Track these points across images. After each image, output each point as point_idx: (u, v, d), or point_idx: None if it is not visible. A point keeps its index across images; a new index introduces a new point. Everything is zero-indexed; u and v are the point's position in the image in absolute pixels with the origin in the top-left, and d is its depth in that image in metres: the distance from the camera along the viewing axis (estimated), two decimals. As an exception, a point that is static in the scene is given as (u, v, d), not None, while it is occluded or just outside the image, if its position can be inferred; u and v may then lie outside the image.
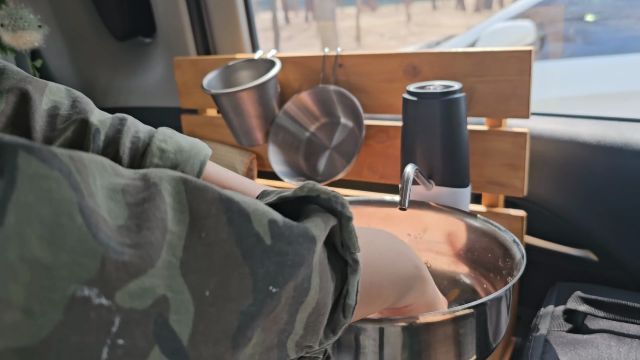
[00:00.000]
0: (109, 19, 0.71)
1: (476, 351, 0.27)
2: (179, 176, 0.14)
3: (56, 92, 0.26)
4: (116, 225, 0.11)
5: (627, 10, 1.43)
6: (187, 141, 0.27)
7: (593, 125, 0.46)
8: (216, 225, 0.13)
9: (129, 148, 0.26)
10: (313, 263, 0.16)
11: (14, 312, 0.09)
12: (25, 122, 0.24)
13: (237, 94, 0.51)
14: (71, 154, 0.11)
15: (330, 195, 0.17)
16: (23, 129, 0.24)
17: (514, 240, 0.33)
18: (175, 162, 0.26)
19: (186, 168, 0.26)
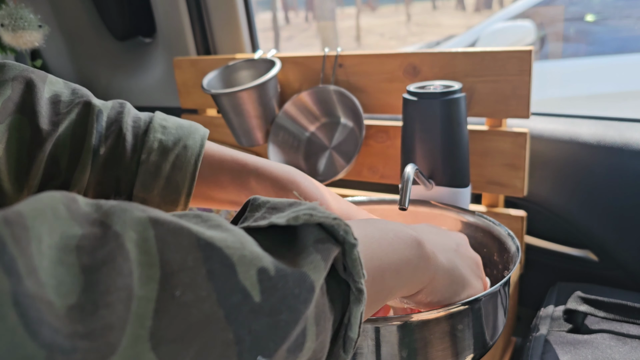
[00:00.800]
0: (109, 18, 0.71)
1: (473, 349, 0.27)
2: (146, 217, 0.11)
3: (55, 83, 0.26)
4: (66, 306, 0.09)
5: (627, 10, 1.43)
6: (186, 121, 0.28)
7: (593, 125, 0.46)
8: (193, 280, 0.11)
9: (131, 126, 0.26)
10: (309, 313, 0.13)
11: None
12: (32, 108, 0.24)
13: (237, 94, 0.51)
14: (7, 217, 0.09)
15: (331, 222, 0.14)
16: (30, 115, 0.24)
17: (508, 234, 0.33)
18: (177, 137, 0.26)
19: (188, 141, 0.26)
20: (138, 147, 0.26)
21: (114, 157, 0.25)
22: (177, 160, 0.26)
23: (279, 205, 0.16)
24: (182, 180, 0.26)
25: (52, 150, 0.24)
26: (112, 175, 0.26)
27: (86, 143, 0.25)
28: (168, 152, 0.26)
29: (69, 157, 0.25)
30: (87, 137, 0.25)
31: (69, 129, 0.25)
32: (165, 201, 0.26)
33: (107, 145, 0.25)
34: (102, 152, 0.25)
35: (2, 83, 0.24)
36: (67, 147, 0.25)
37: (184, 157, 0.26)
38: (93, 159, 0.25)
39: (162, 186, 0.26)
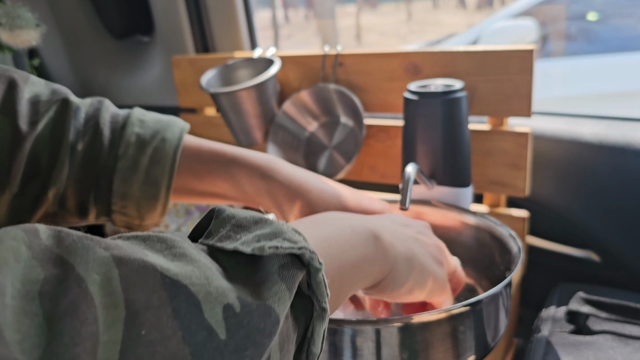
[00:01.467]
0: (107, 17, 0.71)
1: (475, 350, 0.27)
2: (109, 257, 0.11)
3: (36, 83, 0.26)
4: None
5: (629, 9, 1.43)
6: (165, 116, 0.28)
7: (595, 125, 0.46)
8: (159, 319, 0.11)
9: (109, 121, 0.26)
10: (273, 344, 0.13)
11: None
12: (12, 108, 0.24)
13: (236, 93, 0.51)
14: None
15: (295, 250, 0.14)
16: (10, 115, 0.24)
17: (510, 235, 0.33)
18: (155, 130, 0.26)
19: (166, 134, 0.26)
20: (116, 141, 0.25)
21: (92, 152, 0.25)
22: (155, 154, 0.26)
23: (245, 222, 0.15)
24: (161, 173, 0.26)
25: (31, 150, 0.24)
26: (91, 172, 0.25)
27: (64, 140, 0.25)
28: (146, 145, 0.26)
29: (49, 155, 0.25)
30: (64, 133, 0.25)
31: (47, 127, 0.25)
32: (145, 195, 0.26)
33: (84, 141, 0.25)
34: (80, 148, 0.25)
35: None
36: (46, 146, 0.25)
37: (162, 150, 0.26)
38: (71, 155, 0.25)
39: (141, 180, 0.25)
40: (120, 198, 0.26)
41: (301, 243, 0.15)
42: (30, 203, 0.25)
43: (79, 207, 0.26)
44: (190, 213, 0.61)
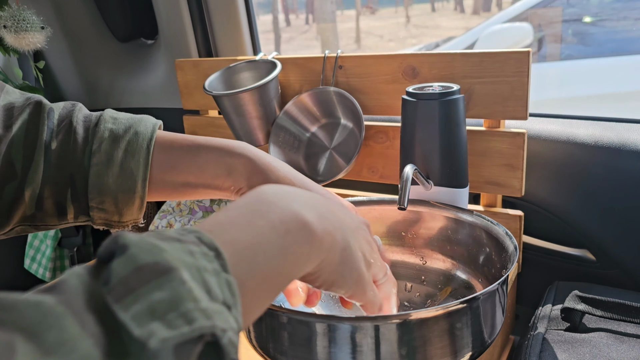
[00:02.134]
0: (112, 20, 0.72)
1: (472, 347, 0.27)
2: None
3: (11, 93, 0.27)
4: None
5: (624, 12, 1.44)
6: (137, 115, 0.28)
7: (590, 126, 0.47)
8: None
9: (82, 120, 0.26)
10: None
11: None
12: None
13: (238, 95, 0.52)
14: None
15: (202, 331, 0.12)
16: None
17: (506, 233, 0.34)
18: (128, 125, 0.26)
19: (139, 128, 0.26)
20: (89, 139, 0.26)
21: (66, 151, 0.25)
22: (129, 147, 0.26)
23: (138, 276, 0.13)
24: (136, 166, 0.26)
25: (6, 153, 0.25)
26: (66, 170, 0.26)
27: (38, 140, 0.25)
28: (119, 139, 0.26)
29: (23, 157, 0.25)
30: (38, 134, 0.25)
31: (21, 129, 0.25)
32: (122, 189, 0.26)
33: (58, 140, 0.25)
34: (54, 147, 0.25)
35: None
36: (20, 148, 0.25)
37: (135, 142, 0.26)
38: (45, 155, 0.25)
39: (116, 174, 0.26)
40: (97, 193, 0.26)
41: (213, 320, 0.13)
42: (7, 207, 0.25)
43: (57, 207, 0.26)
44: (194, 212, 0.61)
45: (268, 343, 0.28)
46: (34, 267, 0.74)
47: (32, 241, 0.74)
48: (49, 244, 0.73)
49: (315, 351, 0.26)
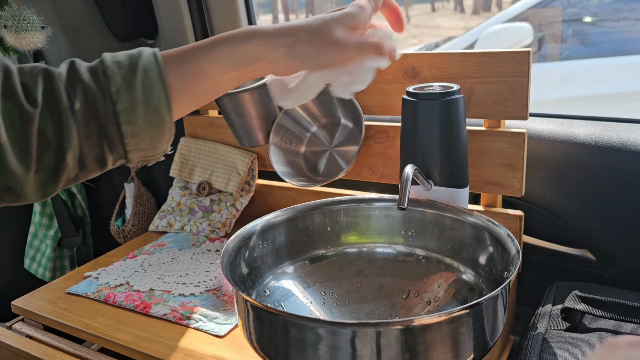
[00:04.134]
0: (112, 20, 0.72)
1: (474, 350, 0.27)
2: None
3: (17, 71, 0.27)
4: None
5: (624, 12, 1.44)
6: (132, 50, 0.29)
7: (590, 126, 0.47)
8: None
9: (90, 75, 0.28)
10: None
11: None
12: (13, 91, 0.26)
13: (238, 95, 0.52)
14: None
15: None
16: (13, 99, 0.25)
17: (508, 235, 0.34)
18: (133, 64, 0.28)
19: (145, 63, 0.28)
20: (106, 89, 0.27)
21: (90, 106, 0.27)
22: (144, 85, 0.27)
23: None
24: (158, 100, 0.27)
25: (38, 125, 0.26)
26: (96, 125, 0.27)
27: (60, 105, 0.26)
28: (133, 81, 0.27)
29: (52, 124, 0.26)
30: (59, 99, 0.26)
31: (43, 100, 0.26)
32: (152, 125, 0.28)
33: (78, 99, 0.27)
34: (78, 106, 0.26)
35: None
36: (47, 117, 0.26)
37: (148, 79, 0.27)
38: (73, 116, 0.26)
39: (143, 113, 0.27)
40: (132, 137, 0.27)
41: None
42: (51, 175, 0.27)
43: (98, 161, 0.28)
44: (194, 212, 0.62)
45: (270, 346, 0.28)
46: (34, 267, 0.74)
47: (32, 241, 0.74)
48: (49, 244, 0.73)
49: (317, 355, 0.26)
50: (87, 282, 0.50)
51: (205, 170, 0.62)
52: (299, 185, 0.52)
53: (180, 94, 0.28)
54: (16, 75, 0.26)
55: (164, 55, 0.29)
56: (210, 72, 0.29)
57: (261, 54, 0.29)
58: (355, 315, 0.38)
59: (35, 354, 0.42)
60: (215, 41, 0.29)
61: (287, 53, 0.29)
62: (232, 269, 0.35)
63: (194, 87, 0.29)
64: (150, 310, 0.44)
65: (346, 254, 0.42)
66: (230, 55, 0.28)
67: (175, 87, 0.28)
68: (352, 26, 0.30)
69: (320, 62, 0.29)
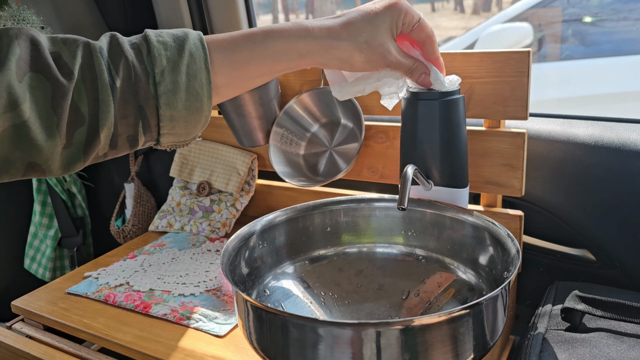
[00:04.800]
0: (112, 20, 0.72)
1: (474, 350, 0.27)
2: None
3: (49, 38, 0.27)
4: None
5: (624, 12, 1.44)
6: (177, 30, 0.29)
7: (590, 126, 0.47)
8: None
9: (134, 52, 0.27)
10: None
11: None
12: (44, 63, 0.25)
13: (238, 95, 0.52)
14: None
15: None
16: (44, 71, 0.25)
17: (508, 235, 0.34)
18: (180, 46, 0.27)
19: (191, 47, 0.27)
20: (149, 69, 0.26)
21: (130, 85, 0.26)
22: (189, 70, 0.27)
23: None
24: (200, 86, 0.27)
25: (72, 99, 0.25)
26: (134, 105, 0.26)
27: (100, 82, 0.25)
28: (178, 64, 0.27)
29: (88, 100, 0.25)
30: (99, 75, 0.26)
31: (79, 74, 0.25)
32: (191, 111, 0.27)
33: (120, 77, 0.26)
34: (118, 84, 0.26)
35: (9, 43, 0.24)
36: (82, 92, 0.25)
37: (193, 64, 0.27)
38: (113, 94, 0.26)
39: (184, 99, 0.27)
40: (169, 120, 0.27)
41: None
42: (80, 151, 0.26)
43: (129, 141, 0.27)
44: (194, 212, 0.62)
45: (270, 346, 0.28)
46: (34, 267, 0.74)
47: (32, 241, 0.74)
48: (49, 244, 0.73)
49: (317, 355, 0.26)
50: (87, 282, 0.50)
51: (205, 170, 0.62)
52: (299, 185, 0.52)
53: (226, 80, 0.28)
54: (45, 46, 0.25)
55: (210, 41, 0.28)
56: (262, 63, 0.29)
57: (314, 54, 0.29)
58: (355, 315, 0.38)
59: (35, 354, 0.42)
60: (269, 34, 0.29)
61: (338, 58, 0.30)
62: (232, 269, 0.35)
63: (240, 75, 0.29)
64: (150, 310, 0.45)
65: (346, 254, 0.42)
66: (283, 52, 0.29)
67: (221, 74, 0.28)
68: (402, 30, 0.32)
69: (366, 69, 0.31)
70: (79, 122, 0.25)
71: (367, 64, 0.31)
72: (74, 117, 0.25)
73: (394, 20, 0.31)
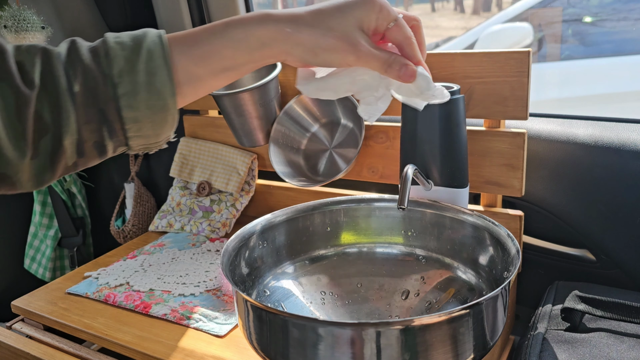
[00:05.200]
0: (112, 20, 0.72)
1: (474, 350, 0.27)
2: None
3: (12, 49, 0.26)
4: None
5: (624, 12, 1.44)
6: (137, 31, 0.27)
7: (590, 126, 0.47)
8: None
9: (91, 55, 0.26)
10: None
11: None
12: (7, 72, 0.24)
13: (238, 95, 0.52)
14: None
15: None
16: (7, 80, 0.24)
17: (508, 235, 0.34)
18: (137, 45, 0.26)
19: (149, 45, 0.26)
20: (107, 71, 0.26)
21: (90, 89, 0.25)
22: (148, 68, 0.26)
23: None
24: (162, 84, 0.26)
25: (35, 108, 0.25)
26: (95, 109, 0.26)
27: (59, 87, 0.25)
28: (135, 63, 0.26)
29: (50, 108, 0.25)
30: (58, 81, 0.25)
31: (40, 81, 0.25)
32: (154, 110, 0.26)
33: (78, 82, 0.25)
34: (77, 89, 0.25)
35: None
36: (44, 99, 0.25)
37: (152, 62, 0.26)
38: (72, 100, 0.25)
39: (145, 99, 0.26)
40: (133, 122, 0.26)
41: None
42: (48, 162, 0.25)
43: (97, 147, 0.26)
44: (194, 212, 0.62)
45: (270, 346, 0.28)
46: (34, 267, 0.74)
47: (32, 241, 0.74)
48: (49, 244, 0.73)
49: (317, 355, 0.26)
50: (87, 282, 0.50)
51: (205, 170, 0.62)
52: (299, 185, 0.52)
53: (187, 77, 0.27)
54: (11, 54, 0.24)
55: (171, 37, 0.27)
56: (223, 54, 0.27)
57: (276, 41, 0.27)
58: (355, 315, 0.38)
59: (35, 354, 0.42)
60: (229, 23, 0.27)
61: (301, 44, 0.27)
62: (232, 269, 0.35)
63: (203, 71, 0.27)
64: (150, 310, 0.45)
65: (346, 254, 0.42)
66: (244, 39, 0.27)
67: (183, 70, 0.27)
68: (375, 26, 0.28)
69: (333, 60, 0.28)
70: (43, 131, 0.25)
71: (334, 53, 0.27)
72: (38, 126, 0.25)
73: (366, 12, 0.28)
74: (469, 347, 0.27)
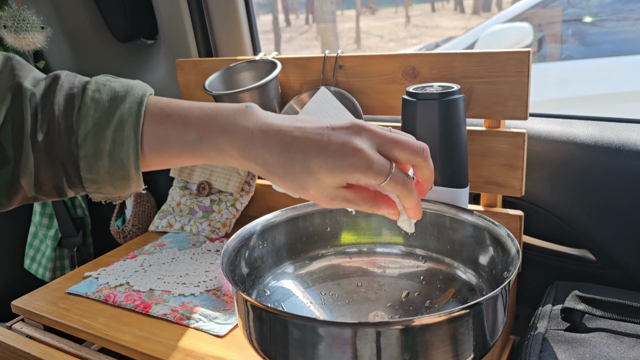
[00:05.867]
0: (112, 20, 0.72)
1: (474, 350, 0.27)
2: None
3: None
4: None
5: (624, 12, 1.44)
6: (124, 85, 0.26)
7: (590, 126, 0.47)
8: None
9: (64, 106, 0.25)
10: None
11: None
12: None
13: (238, 95, 0.52)
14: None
15: None
16: None
17: (508, 235, 0.34)
18: (113, 108, 0.25)
19: (124, 112, 0.25)
20: (74, 128, 0.25)
21: (53, 141, 0.25)
22: (115, 137, 0.25)
23: None
24: (126, 156, 0.25)
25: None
26: (57, 160, 0.25)
27: (24, 130, 0.25)
28: (104, 129, 0.25)
29: (13, 144, 0.25)
30: (24, 124, 0.25)
31: (8, 117, 0.24)
32: (115, 177, 0.26)
33: (43, 131, 0.25)
34: (40, 138, 0.25)
35: None
36: (9, 135, 0.24)
37: (121, 132, 0.25)
38: (33, 146, 0.25)
39: (107, 165, 0.25)
40: (91, 183, 0.26)
41: None
42: (4, 191, 0.25)
43: (56, 190, 0.26)
44: (194, 212, 0.62)
45: (270, 346, 0.28)
46: (34, 267, 0.74)
47: (32, 241, 0.74)
48: (49, 244, 0.73)
49: (317, 355, 0.26)
50: (87, 282, 0.50)
51: (205, 170, 0.62)
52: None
53: (156, 149, 0.26)
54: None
55: (153, 105, 0.26)
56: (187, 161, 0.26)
57: (245, 166, 0.26)
58: (355, 315, 0.38)
59: (35, 354, 0.42)
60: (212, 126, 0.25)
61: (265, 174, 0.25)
62: (232, 269, 0.35)
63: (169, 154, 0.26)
64: (150, 310, 0.44)
65: (346, 254, 0.42)
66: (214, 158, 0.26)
67: (152, 142, 0.25)
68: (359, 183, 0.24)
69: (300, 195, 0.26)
70: (3, 162, 0.25)
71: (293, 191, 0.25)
72: (1, 158, 0.24)
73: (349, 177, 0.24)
74: (469, 347, 0.27)
